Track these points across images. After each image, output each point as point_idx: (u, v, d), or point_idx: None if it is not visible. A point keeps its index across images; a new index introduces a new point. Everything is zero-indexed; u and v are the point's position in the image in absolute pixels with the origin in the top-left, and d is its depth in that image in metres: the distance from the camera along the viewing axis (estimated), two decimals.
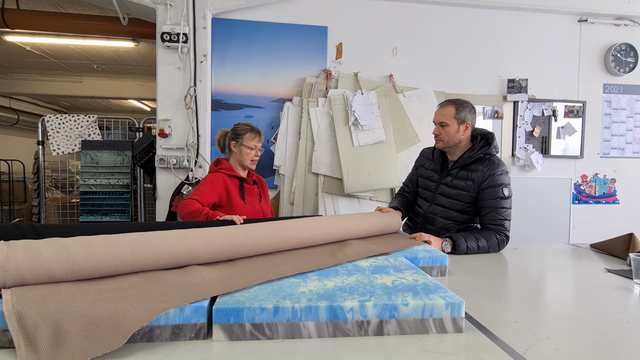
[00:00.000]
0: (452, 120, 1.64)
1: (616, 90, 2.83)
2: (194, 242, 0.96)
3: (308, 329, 0.74)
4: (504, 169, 1.63)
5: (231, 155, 1.88)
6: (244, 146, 1.82)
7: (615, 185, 2.84)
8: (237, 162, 1.86)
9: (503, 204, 1.58)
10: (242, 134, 1.83)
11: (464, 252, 1.49)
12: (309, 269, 0.98)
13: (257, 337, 0.73)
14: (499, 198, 1.57)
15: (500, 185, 1.58)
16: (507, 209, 1.59)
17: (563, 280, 1.17)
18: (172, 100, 2.31)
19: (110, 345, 0.65)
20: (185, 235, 0.97)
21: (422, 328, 0.76)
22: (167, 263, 0.92)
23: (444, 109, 1.67)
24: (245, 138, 1.82)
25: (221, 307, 0.72)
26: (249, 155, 1.83)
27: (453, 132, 1.64)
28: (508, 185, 1.60)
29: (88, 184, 2.45)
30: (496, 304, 0.95)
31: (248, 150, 1.82)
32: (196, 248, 0.96)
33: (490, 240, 1.53)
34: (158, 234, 0.94)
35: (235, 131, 1.85)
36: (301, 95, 2.52)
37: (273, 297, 0.78)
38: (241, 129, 1.85)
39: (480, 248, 1.52)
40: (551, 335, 0.77)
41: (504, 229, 1.56)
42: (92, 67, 5.78)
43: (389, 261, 1.09)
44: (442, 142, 1.68)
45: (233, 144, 1.84)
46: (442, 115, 1.66)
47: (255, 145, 1.84)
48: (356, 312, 0.75)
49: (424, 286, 0.86)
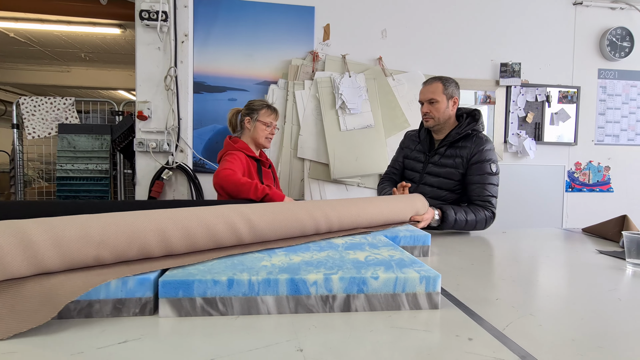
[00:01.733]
0: (441, 96, 1.60)
1: (611, 76, 2.76)
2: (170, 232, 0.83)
3: (267, 305, 0.67)
4: (492, 145, 1.59)
5: (244, 133, 1.76)
6: (260, 122, 1.72)
7: (609, 173, 2.78)
8: (251, 140, 1.75)
9: (491, 179, 1.53)
10: (257, 109, 1.73)
11: (452, 224, 1.44)
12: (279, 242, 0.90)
13: (210, 312, 0.66)
14: (487, 174, 1.53)
15: (489, 160, 1.54)
16: (494, 185, 1.54)
17: (552, 261, 1.10)
18: (151, 81, 2.22)
19: (37, 320, 0.57)
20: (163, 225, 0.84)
21: (393, 304, 0.69)
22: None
23: (430, 85, 1.62)
24: (261, 114, 1.72)
25: (169, 280, 0.65)
26: (265, 132, 1.73)
27: (443, 108, 1.61)
28: (496, 162, 1.56)
29: (65, 169, 2.36)
30: (478, 283, 0.88)
31: (264, 126, 1.72)
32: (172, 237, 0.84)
33: (478, 215, 1.49)
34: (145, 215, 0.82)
35: (250, 106, 1.75)
36: (287, 78, 2.43)
37: (229, 270, 0.70)
38: (257, 104, 1.75)
39: (469, 222, 1.47)
40: (535, 312, 0.71)
41: (491, 205, 1.52)
42: (79, 56, 5.65)
43: (366, 239, 1.02)
44: (433, 120, 1.63)
45: (247, 119, 1.73)
46: (431, 92, 1.61)
47: (272, 122, 1.75)
48: (320, 285, 0.68)
49: (399, 261, 0.79)
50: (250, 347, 0.55)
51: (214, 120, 2.38)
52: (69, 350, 0.53)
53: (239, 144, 1.71)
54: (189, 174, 2.27)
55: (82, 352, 0.53)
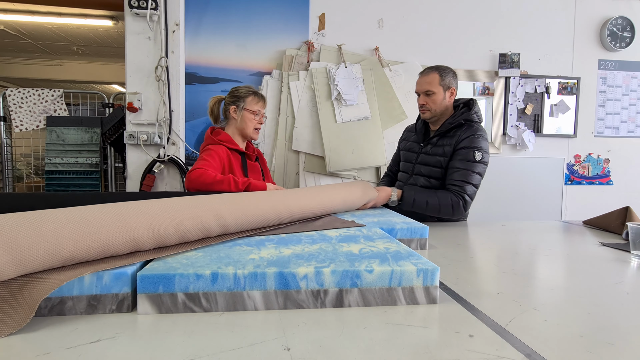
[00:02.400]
0: (438, 87, 1.56)
1: (611, 67, 2.72)
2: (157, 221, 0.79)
3: (253, 300, 0.63)
4: (482, 134, 1.54)
5: (229, 123, 1.63)
6: (247, 111, 1.59)
7: (609, 166, 2.75)
8: (237, 131, 1.62)
9: (472, 166, 1.49)
10: (243, 96, 1.60)
11: (411, 205, 1.43)
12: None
13: (192, 309, 0.61)
14: (469, 160, 1.49)
15: (474, 148, 1.49)
16: (474, 173, 1.49)
17: (554, 254, 1.07)
18: (141, 72, 2.16)
19: (14, 324, 0.53)
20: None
21: (389, 299, 0.65)
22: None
23: (427, 76, 1.58)
24: (248, 102, 1.59)
25: (148, 274, 0.60)
26: (252, 122, 1.60)
27: (440, 100, 1.57)
28: (482, 151, 1.51)
29: (54, 163, 2.30)
30: (478, 276, 0.84)
31: (251, 115, 1.59)
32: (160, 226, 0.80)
33: (442, 199, 1.45)
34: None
35: (235, 94, 1.62)
36: (281, 69, 2.37)
37: (214, 264, 0.66)
38: (242, 91, 1.62)
39: (429, 205, 1.44)
40: (539, 306, 0.66)
41: (462, 191, 1.47)
42: (72, 50, 5.56)
43: (361, 231, 0.97)
44: (430, 112, 1.59)
45: (233, 108, 1.60)
46: (427, 83, 1.57)
47: (259, 110, 1.62)
48: (311, 279, 0.63)
49: (395, 253, 0.75)
50: (233, 346, 0.50)
51: (206, 112, 2.31)
52: (35, 351, 0.49)
53: (222, 136, 1.58)
54: (181, 167, 2.22)
55: (48, 352, 0.49)
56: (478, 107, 1.59)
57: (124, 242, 0.68)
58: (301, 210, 1.10)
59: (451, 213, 1.46)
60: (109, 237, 0.66)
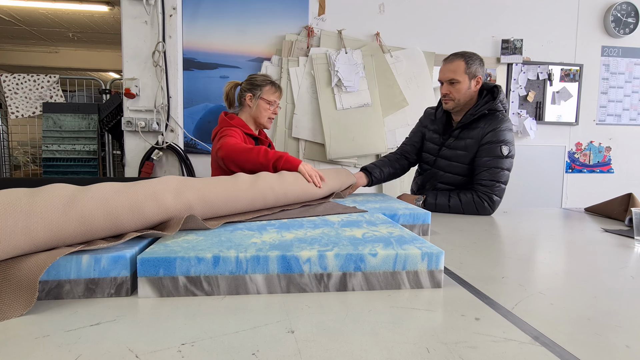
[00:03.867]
0: (463, 76, 1.46)
1: (615, 53, 2.69)
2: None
3: (256, 284, 0.62)
4: (509, 125, 1.46)
5: (243, 110, 1.64)
6: (263, 100, 1.60)
7: (610, 154, 2.73)
8: (251, 119, 1.63)
9: (499, 163, 1.42)
10: (260, 85, 1.61)
11: (433, 207, 1.41)
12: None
13: (194, 292, 0.60)
14: (496, 157, 1.42)
15: (501, 142, 1.42)
16: (502, 169, 1.43)
17: (557, 240, 1.06)
18: (139, 57, 2.12)
19: (20, 307, 0.52)
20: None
21: (393, 282, 0.64)
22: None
23: (451, 63, 1.48)
24: (265, 91, 1.60)
25: (148, 257, 0.59)
26: (267, 112, 1.61)
27: (464, 89, 1.47)
28: (509, 144, 1.43)
29: (51, 150, 2.27)
30: (482, 261, 0.83)
31: (267, 105, 1.60)
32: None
33: (465, 199, 1.41)
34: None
35: (253, 82, 1.62)
36: (280, 54, 2.34)
37: (215, 247, 0.65)
38: (260, 80, 1.62)
39: (452, 206, 1.41)
40: (544, 290, 0.66)
41: (490, 191, 1.41)
42: (67, 36, 5.47)
43: (363, 217, 0.96)
44: (453, 102, 1.50)
45: (249, 96, 1.61)
46: (452, 71, 1.47)
47: (275, 101, 1.63)
48: (314, 263, 0.62)
49: (399, 238, 0.74)
50: (236, 329, 0.49)
51: (205, 99, 2.29)
52: (34, 333, 0.48)
53: (235, 120, 1.59)
54: (180, 154, 2.20)
55: (48, 335, 0.48)
56: (503, 94, 1.49)
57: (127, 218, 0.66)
58: (299, 193, 1.10)
59: (476, 212, 1.42)
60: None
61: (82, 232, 0.62)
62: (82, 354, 0.43)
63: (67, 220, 0.60)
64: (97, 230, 0.65)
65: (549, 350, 0.46)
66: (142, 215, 0.71)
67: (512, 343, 0.47)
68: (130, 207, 0.69)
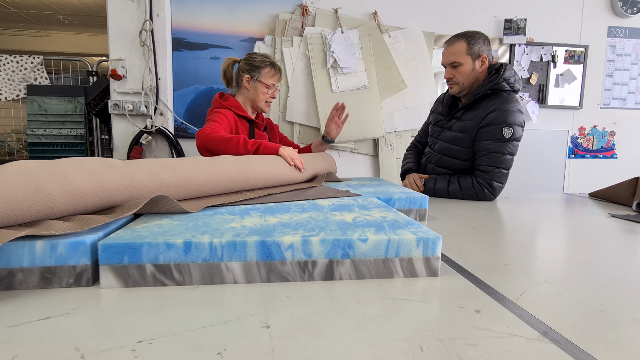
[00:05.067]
0: (465, 57, 1.38)
1: (621, 34, 2.59)
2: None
3: (232, 272, 0.56)
4: (515, 105, 1.35)
5: (240, 91, 1.55)
6: (261, 83, 1.51)
7: (614, 139, 2.66)
8: (248, 101, 1.55)
9: (501, 147, 1.34)
10: (259, 67, 1.51)
11: (432, 192, 1.35)
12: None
13: (163, 282, 0.54)
14: (497, 140, 1.34)
15: (503, 123, 1.32)
16: (503, 154, 1.34)
17: (562, 225, 1.00)
18: (125, 37, 2.03)
19: None
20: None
21: (385, 271, 0.58)
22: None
23: (452, 46, 1.40)
24: (264, 73, 1.51)
25: (111, 243, 0.53)
26: (265, 95, 1.53)
27: (468, 71, 1.39)
28: (514, 125, 1.33)
29: (37, 135, 2.20)
30: (482, 247, 0.77)
31: (265, 89, 1.52)
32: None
33: (464, 185, 1.35)
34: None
35: (251, 62, 1.52)
36: (274, 34, 2.24)
37: (188, 232, 0.58)
38: (259, 60, 1.52)
39: (451, 191, 1.35)
40: (551, 279, 0.60)
41: (490, 177, 1.34)
42: (58, 19, 5.32)
43: (356, 201, 0.90)
44: (457, 86, 1.43)
45: (247, 78, 1.52)
46: (452, 54, 1.40)
47: (274, 84, 1.54)
48: (297, 249, 0.56)
49: (392, 222, 0.68)
50: (203, 323, 0.43)
51: (195, 81, 2.21)
52: None
53: (230, 101, 1.50)
54: (170, 138, 2.12)
55: None
56: (511, 71, 1.39)
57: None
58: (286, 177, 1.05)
59: (476, 198, 1.35)
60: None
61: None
62: (19, 354, 0.37)
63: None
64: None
65: (559, 347, 0.40)
66: (105, 188, 0.65)
67: (517, 339, 0.41)
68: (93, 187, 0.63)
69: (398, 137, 2.38)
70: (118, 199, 0.69)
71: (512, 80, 1.38)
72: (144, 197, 0.70)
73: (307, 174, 1.20)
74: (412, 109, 2.36)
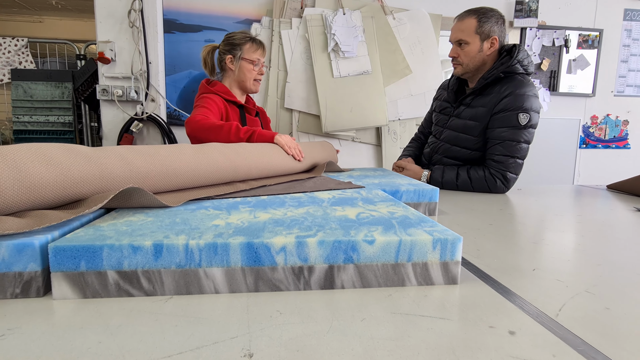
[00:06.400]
0: (473, 37, 1.28)
1: (638, 17, 2.46)
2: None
3: (213, 280, 0.46)
4: (531, 90, 1.25)
5: (225, 75, 1.47)
6: (245, 60, 1.42)
7: (627, 128, 2.55)
8: (235, 83, 1.46)
9: (516, 135, 1.24)
10: (240, 44, 1.42)
11: (439, 185, 1.25)
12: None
13: (129, 292, 0.45)
14: (512, 127, 1.24)
15: (518, 109, 1.22)
16: (518, 142, 1.24)
17: (587, 221, 0.91)
18: (113, 17, 1.91)
19: None
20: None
21: (395, 278, 0.49)
22: None
23: (462, 22, 1.30)
24: (246, 49, 1.42)
25: (64, 245, 0.44)
26: (252, 73, 1.43)
27: (474, 52, 1.29)
28: (530, 111, 1.23)
29: (22, 122, 2.09)
30: (504, 248, 0.68)
31: (250, 65, 1.42)
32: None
33: (475, 176, 1.25)
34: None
35: (230, 41, 1.43)
36: (271, 15, 2.12)
37: (161, 232, 0.49)
38: (238, 38, 1.43)
39: (460, 184, 1.25)
40: (591, 288, 0.51)
41: (504, 168, 1.24)
42: (51, 4, 5.16)
43: (360, 193, 0.81)
44: (461, 67, 1.33)
45: (229, 58, 1.43)
46: (460, 31, 1.29)
47: (259, 59, 1.44)
48: (291, 253, 0.47)
49: (402, 219, 0.58)
50: (169, 351, 0.34)
51: (189, 65, 2.09)
52: None
53: (217, 87, 1.42)
54: (162, 126, 2.02)
55: None
56: (524, 53, 1.29)
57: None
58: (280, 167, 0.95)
59: (487, 190, 1.26)
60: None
61: None
62: None
63: None
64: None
65: None
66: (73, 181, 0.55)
67: None
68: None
69: (402, 126, 2.28)
70: (85, 191, 0.60)
71: (526, 63, 1.29)
72: (115, 189, 0.61)
73: (306, 163, 1.11)
74: (417, 96, 2.25)
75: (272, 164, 0.98)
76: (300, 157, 1.07)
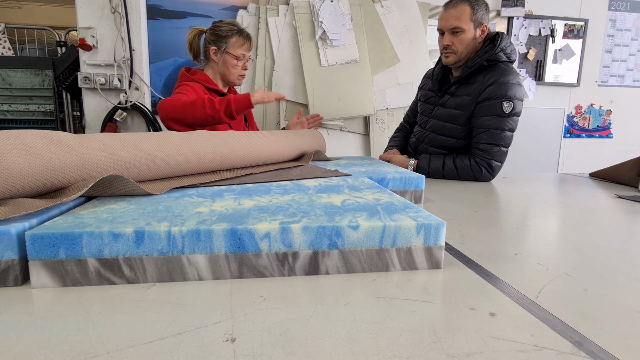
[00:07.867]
0: (468, 24, 1.26)
1: (623, 8, 2.49)
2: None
3: (196, 267, 0.46)
4: (514, 78, 1.26)
5: (208, 64, 1.42)
6: (229, 55, 1.37)
7: (610, 118, 2.60)
8: (218, 75, 1.42)
9: (500, 123, 1.25)
10: (226, 36, 1.37)
11: (426, 173, 1.26)
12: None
13: (110, 280, 0.45)
14: (496, 115, 1.25)
15: (502, 97, 1.23)
16: (503, 130, 1.25)
17: (568, 207, 0.92)
18: (95, 3, 1.85)
19: None
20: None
21: (379, 263, 0.49)
22: None
23: (455, 9, 1.27)
24: (231, 43, 1.37)
25: (42, 233, 0.43)
26: (236, 68, 1.39)
27: (468, 40, 1.28)
28: (514, 99, 1.24)
29: (1, 111, 2.03)
30: (488, 233, 0.69)
31: (234, 61, 1.38)
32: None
33: (460, 165, 1.26)
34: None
35: (217, 32, 1.38)
36: (258, 2, 2.08)
37: (143, 219, 0.48)
38: (224, 29, 1.38)
39: (447, 172, 1.26)
40: (571, 271, 0.52)
41: (489, 157, 1.25)
42: None
43: (346, 181, 0.81)
44: (455, 55, 1.31)
45: (214, 50, 1.39)
46: (455, 18, 1.26)
47: (244, 55, 1.40)
48: (275, 239, 0.47)
49: (387, 205, 0.58)
50: (150, 337, 0.34)
51: (174, 53, 2.05)
52: None
53: (198, 75, 1.38)
54: (147, 115, 1.98)
55: None
56: (507, 41, 1.29)
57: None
58: (268, 152, 0.94)
59: (473, 178, 1.27)
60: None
61: None
62: None
63: None
64: None
65: None
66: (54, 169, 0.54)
67: (547, 354, 0.33)
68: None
69: (390, 115, 2.28)
70: (66, 179, 0.58)
71: (509, 51, 1.29)
72: (97, 178, 0.60)
73: (294, 151, 1.10)
74: (405, 85, 2.25)
75: (260, 152, 0.97)
76: (283, 97, 1.18)
